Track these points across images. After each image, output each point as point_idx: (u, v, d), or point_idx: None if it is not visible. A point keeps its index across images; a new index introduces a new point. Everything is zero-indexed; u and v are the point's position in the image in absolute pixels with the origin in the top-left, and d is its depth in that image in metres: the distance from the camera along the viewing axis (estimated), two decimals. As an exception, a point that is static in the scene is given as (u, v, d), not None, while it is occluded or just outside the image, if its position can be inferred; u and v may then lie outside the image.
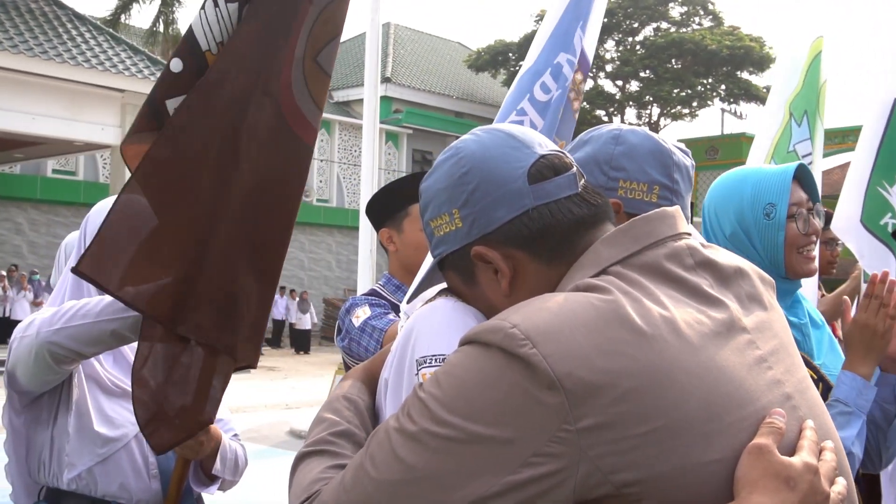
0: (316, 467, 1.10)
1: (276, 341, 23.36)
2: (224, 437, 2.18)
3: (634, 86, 31.59)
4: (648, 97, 31.00)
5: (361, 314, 2.40)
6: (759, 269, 1.18)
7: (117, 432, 2.06)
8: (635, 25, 31.45)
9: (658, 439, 0.90)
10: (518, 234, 1.10)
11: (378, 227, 2.60)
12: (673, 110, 31.59)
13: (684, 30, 31.12)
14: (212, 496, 2.33)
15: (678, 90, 30.33)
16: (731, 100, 31.21)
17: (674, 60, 30.20)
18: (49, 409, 2.07)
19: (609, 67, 31.48)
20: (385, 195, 2.59)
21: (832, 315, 3.83)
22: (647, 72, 30.63)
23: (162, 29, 24.78)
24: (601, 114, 31.09)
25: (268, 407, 12.54)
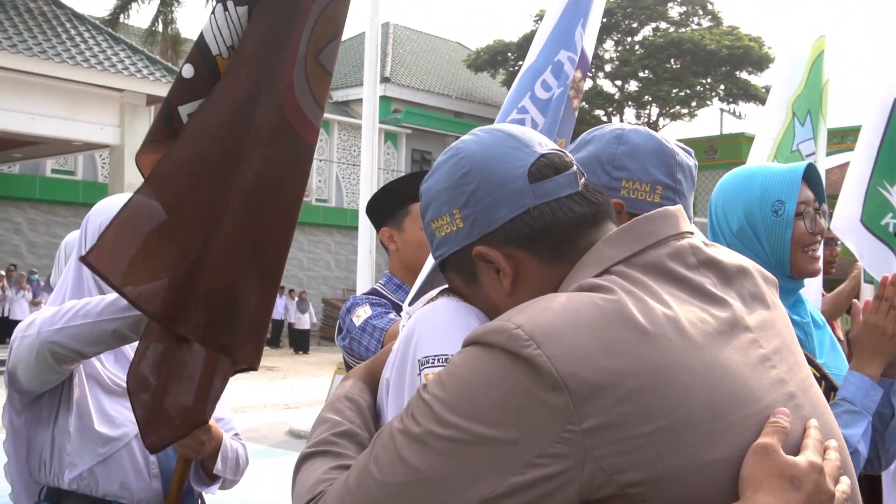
0: (319, 468, 1.10)
1: (274, 341, 23.34)
2: (225, 437, 2.18)
3: (633, 86, 31.60)
4: (647, 97, 31.00)
5: (362, 313, 2.40)
6: (762, 268, 1.18)
7: (118, 431, 2.06)
8: (634, 25, 31.45)
9: (662, 439, 0.90)
10: (519, 233, 1.10)
11: (379, 226, 2.59)
12: (672, 110, 31.59)
13: (683, 30, 31.12)
14: (210, 495, 2.33)
15: (677, 90, 30.34)
16: (730, 100, 31.20)
17: (673, 60, 30.20)
18: (50, 409, 2.06)
19: (608, 67, 31.47)
20: (386, 194, 2.58)
21: (832, 314, 3.83)
22: (646, 72, 30.63)
23: (161, 28, 24.78)
24: (600, 114, 31.09)
25: (267, 407, 12.54)
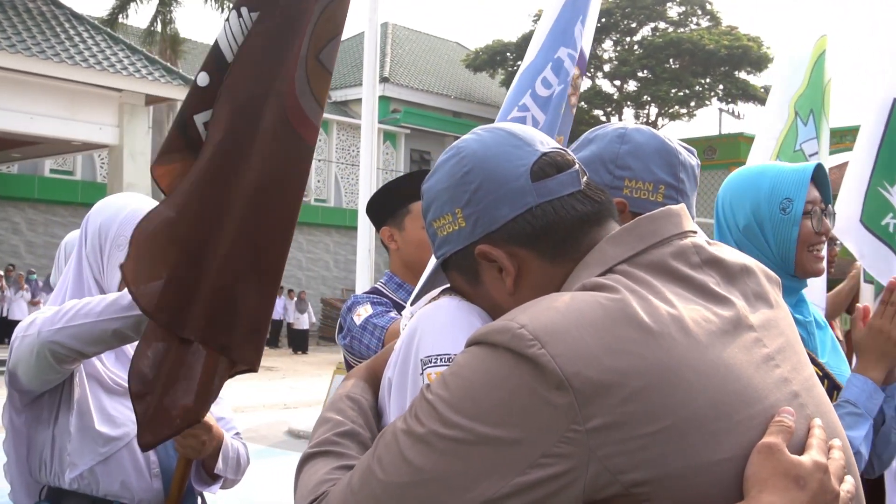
0: (322, 468, 1.10)
1: (273, 341, 23.32)
2: (226, 436, 2.17)
3: (632, 86, 31.59)
4: (646, 97, 31.00)
5: (363, 312, 2.39)
6: (765, 267, 1.18)
7: (119, 431, 2.06)
8: (633, 25, 31.45)
9: (667, 438, 0.90)
10: (522, 231, 1.10)
11: (379, 225, 2.59)
12: (671, 110, 31.60)
13: (682, 30, 31.13)
14: (210, 494, 2.32)
15: (676, 90, 30.35)
16: (729, 100, 31.21)
17: (671, 60, 30.20)
18: (50, 409, 2.06)
19: (607, 67, 31.48)
20: (386, 193, 2.58)
21: (830, 314, 3.84)
22: (645, 72, 30.63)
23: (160, 28, 24.73)
24: (599, 114, 31.08)
25: (266, 407, 12.53)
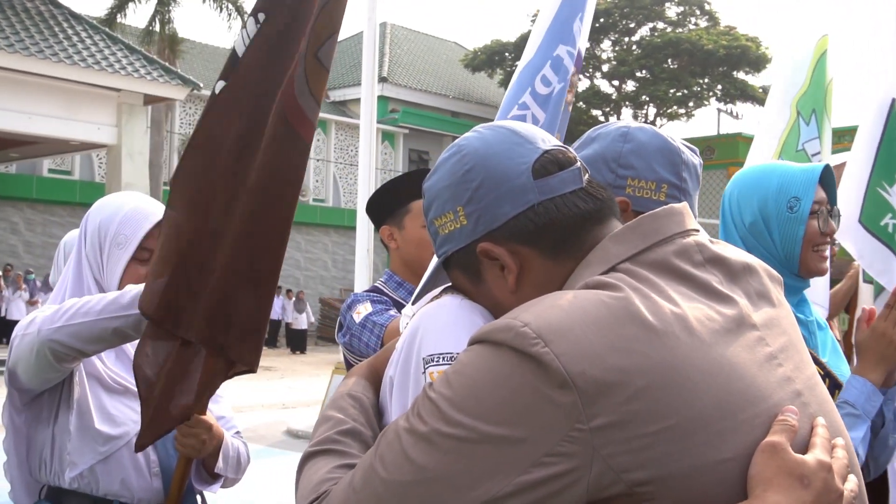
0: (323, 467, 1.10)
1: (272, 341, 23.32)
2: (226, 435, 2.17)
3: (631, 86, 31.60)
4: (645, 97, 31.01)
5: (363, 310, 2.39)
6: (767, 266, 1.18)
7: (119, 430, 2.05)
8: (632, 25, 31.46)
9: (671, 437, 0.89)
10: (524, 229, 1.09)
11: (379, 224, 2.59)
12: (669, 110, 31.62)
13: (681, 30, 31.14)
14: (210, 494, 2.32)
15: (674, 90, 30.37)
16: (728, 100, 31.24)
17: (670, 60, 30.22)
18: (50, 408, 2.06)
19: (605, 67, 31.49)
20: (385, 193, 2.58)
21: (829, 314, 3.83)
22: (644, 72, 30.65)
23: (158, 28, 24.69)
24: (597, 114, 31.09)
25: (264, 407, 12.53)
